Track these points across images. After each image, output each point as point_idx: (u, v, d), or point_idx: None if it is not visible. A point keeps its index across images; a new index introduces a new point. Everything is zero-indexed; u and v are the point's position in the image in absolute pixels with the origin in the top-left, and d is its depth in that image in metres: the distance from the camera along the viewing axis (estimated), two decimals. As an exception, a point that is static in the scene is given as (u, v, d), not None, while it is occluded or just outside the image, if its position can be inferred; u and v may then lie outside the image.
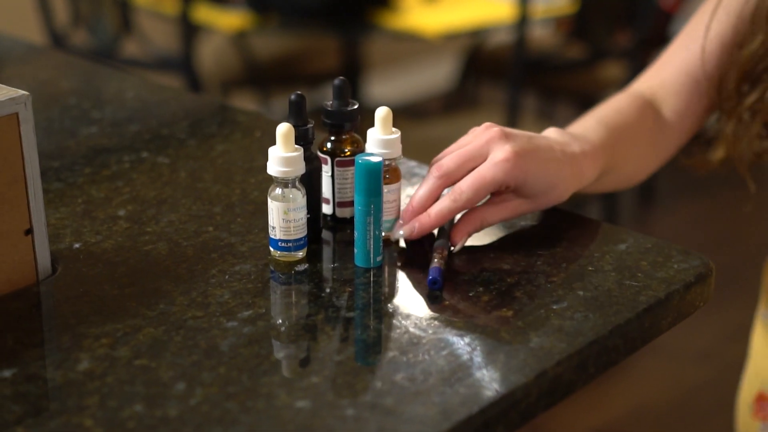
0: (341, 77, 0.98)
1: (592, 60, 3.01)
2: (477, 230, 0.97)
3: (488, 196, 0.97)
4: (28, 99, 0.87)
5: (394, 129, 0.97)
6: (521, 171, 0.95)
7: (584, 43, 2.95)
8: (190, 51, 2.76)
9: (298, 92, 0.95)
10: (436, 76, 4.63)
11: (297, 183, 0.92)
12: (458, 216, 0.97)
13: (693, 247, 1.02)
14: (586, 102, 3.33)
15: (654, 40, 3.33)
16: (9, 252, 0.89)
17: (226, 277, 0.90)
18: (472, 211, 0.96)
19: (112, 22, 2.77)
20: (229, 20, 3.01)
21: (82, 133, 1.25)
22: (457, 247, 0.95)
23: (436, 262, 0.91)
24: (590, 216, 1.06)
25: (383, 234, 0.94)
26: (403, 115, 3.99)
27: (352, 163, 0.97)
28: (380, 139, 0.96)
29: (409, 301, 0.88)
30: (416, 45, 4.06)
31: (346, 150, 0.98)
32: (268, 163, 0.91)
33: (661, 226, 3.29)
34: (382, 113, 0.96)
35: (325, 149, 0.99)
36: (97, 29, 2.81)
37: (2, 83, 0.90)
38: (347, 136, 0.98)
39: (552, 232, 1.00)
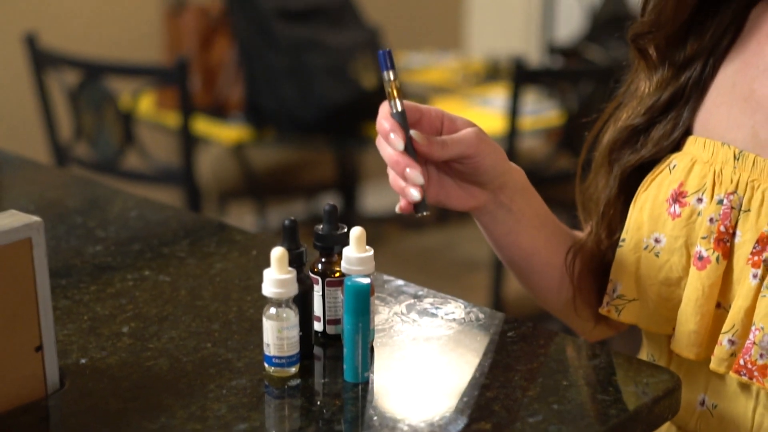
0: (331, 203, 1.05)
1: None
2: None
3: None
4: (40, 225, 0.94)
5: (367, 247, 1.03)
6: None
7: (573, 154, 3.03)
8: (190, 163, 2.84)
9: (291, 218, 1.02)
10: (430, 184, 4.71)
11: (290, 303, 0.98)
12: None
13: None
14: (576, 212, 3.39)
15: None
16: (20, 367, 0.95)
17: (224, 391, 0.96)
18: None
19: (114, 135, 2.85)
20: (228, 133, 3.11)
21: (87, 251, 1.31)
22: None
23: None
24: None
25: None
26: (397, 225, 4.06)
27: (341, 283, 1.04)
28: (355, 257, 1.03)
29: (394, 413, 0.94)
30: (410, 155, 4.13)
31: (336, 271, 1.05)
32: (263, 285, 0.98)
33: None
34: (356, 233, 1.03)
35: (316, 270, 1.05)
36: (99, 142, 2.89)
37: (12, 202, 0.97)
38: (337, 258, 1.05)
39: (530, 348, 1.06)
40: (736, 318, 1.04)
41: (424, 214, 1.02)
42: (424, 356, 1.05)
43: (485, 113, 3.18)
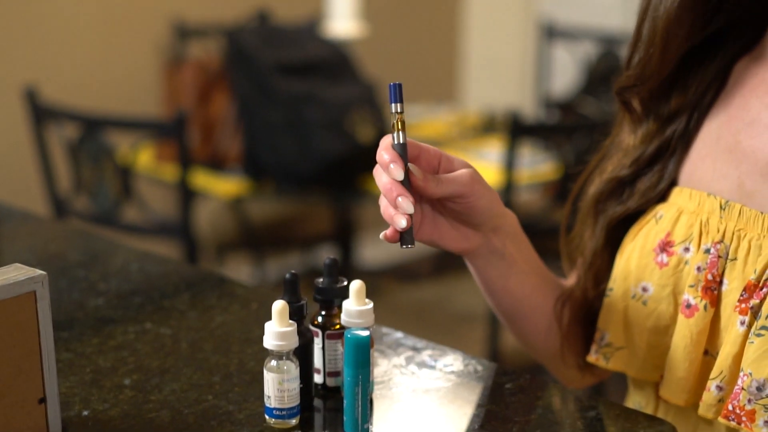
0: (331, 257, 1.07)
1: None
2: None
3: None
4: (45, 278, 0.96)
5: (367, 300, 1.05)
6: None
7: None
8: (188, 217, 2.86)
9: (293, 272, 1.03)
10: (426, 236, 4.71)
11: (291, 355, 1.00)
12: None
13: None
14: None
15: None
16: (23, 419, 0.96)
17: (225, 443, 0.98)
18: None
19: (112, 188, 2.87)
20: (226, 186, 3.13)
21: (89, 305, 1.33)
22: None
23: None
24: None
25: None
26: (393, 278, 4.07)
27: (341, 336, 1.05)
28: (354, 310, 1.04)
29: (393, 465, 0.95)
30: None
31: (336, 324, 1.06)
32: (265, 337, 0.99)
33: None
34: (356, 286, 1.04)
35: (316, 323, 1.07)
36: (98, 196, 2.91)
37: (15, 255, 0.98)
38: (337, 310, 1.07)
39: (528, 399, 1.08)
40: (724, 364, 1.06)
41: (409, 246, 1.04)
42: (423, 408, 1.06)
43: (481, 166, 3.20)
